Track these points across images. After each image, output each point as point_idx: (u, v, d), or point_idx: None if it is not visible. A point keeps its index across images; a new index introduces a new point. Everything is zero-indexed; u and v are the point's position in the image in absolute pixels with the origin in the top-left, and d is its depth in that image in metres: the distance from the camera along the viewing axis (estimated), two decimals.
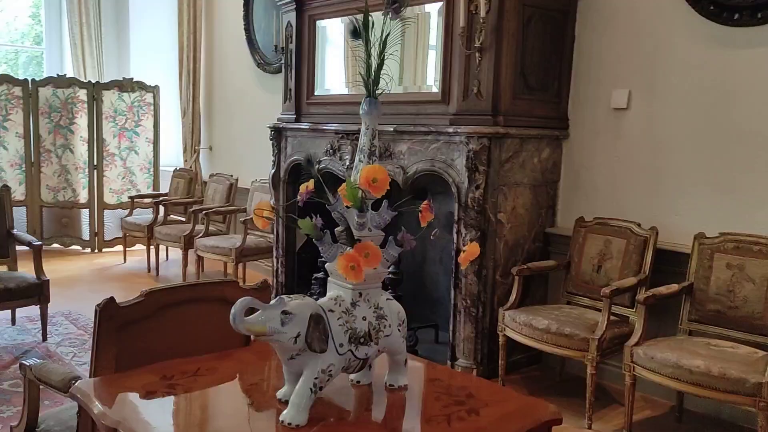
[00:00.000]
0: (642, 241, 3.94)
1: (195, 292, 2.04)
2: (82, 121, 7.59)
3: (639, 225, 4.00)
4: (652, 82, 4.10)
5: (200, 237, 6.11)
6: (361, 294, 1.60)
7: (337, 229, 1.59)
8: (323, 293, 5.33)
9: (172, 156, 8.20)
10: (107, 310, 1.83)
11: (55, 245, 7.74)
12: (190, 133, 7.69)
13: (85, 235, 7.74)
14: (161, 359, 1.87)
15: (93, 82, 7.82)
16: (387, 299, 1.68)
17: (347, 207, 1.56)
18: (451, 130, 4.18)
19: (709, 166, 3.89)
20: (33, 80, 7.53)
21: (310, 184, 1.57)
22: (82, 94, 7.56)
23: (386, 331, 1.63)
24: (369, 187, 1.47)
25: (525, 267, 4.15)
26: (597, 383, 4.06)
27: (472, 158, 4.08)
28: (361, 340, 1.57)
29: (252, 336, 1.43)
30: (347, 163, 4.86)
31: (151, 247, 6.77)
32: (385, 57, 1.58)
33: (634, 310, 3.81)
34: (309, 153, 2.19)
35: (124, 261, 7.21)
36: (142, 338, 1.90)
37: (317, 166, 5.14)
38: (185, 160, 7.72)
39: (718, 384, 3.09)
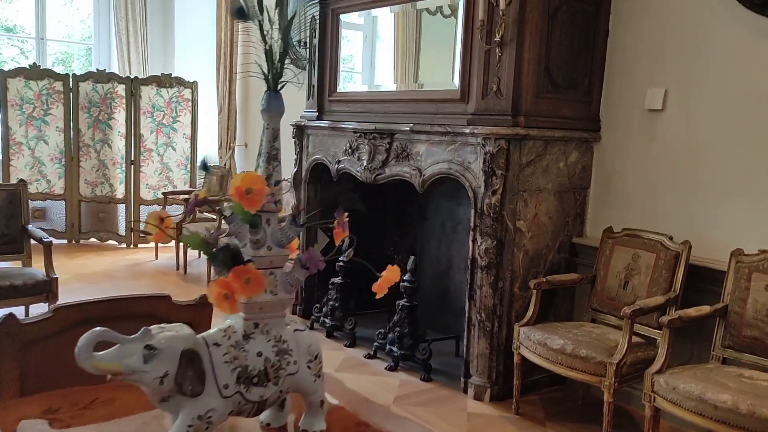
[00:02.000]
0: (673, 256, 3.57)
1: (118, 308, 1.84)
2: (120, 116, 7.60)
3: (671, 238, 3.62)
4: (691, 80, 3.71)
5: (224, 236, 5.97)
6: (257, 325, 1.36)
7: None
8: (339, 299, 5.09)
9: (211, 152, 8.14)
10: (6, 327, 1.65)
11: (93, 240, 7.79)
12: (225, 129, 7.61)
13: (122, 230, 7.76)
14: (75, 383, 1.68)
15: (131, 77, 7.82)
16: (295, 330, 1.44)
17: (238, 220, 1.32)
18: (467, 130, 3.89)
19: (752, 175, 3.48)
20: (74, 75, 7.58)
21: (202, 192, 1.34)
22: (121, 89, 7.57)
23: (290, 369, 1.39)
24: (241, 199, 1.23)
25: (543, 280, 3.83)
26: (623, 409, 3.77)
27: (488, 161, 3.79)
28: (255, 379, 1.33)
29: (108, 376, 1.22)
30: (364, 164, 4.63)
31: (182, 244, 6.69)
32: (291, 43, 1.34)
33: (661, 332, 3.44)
34: (205, 156, 1.97)
35: (156, 258, 7.17)
36: (52, 359, 1.72)
37: (336, 166, 4.93)
38: (220, 157, 7.64)
39: (746, 423, 2.71)
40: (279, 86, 1.39)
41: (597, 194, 4.21)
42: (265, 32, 1.35)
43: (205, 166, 1.37)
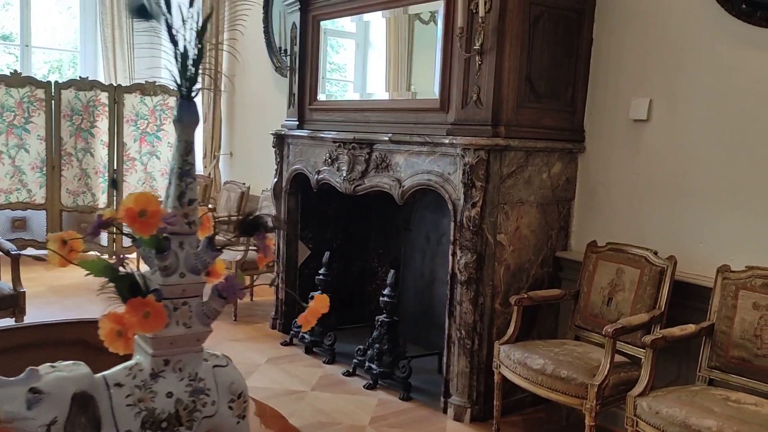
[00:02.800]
0: (658, 272, 3.43)
1: (43, 334, 1.70)
2: (103, 124, 7.45)
3: (656, 253, 3.48)
4: (676, 89, 3.59)
5: None
6: (167, 362, 1.22)
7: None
8: None
9: (197, 162, 8.02)
10: None
11: None
12: (210, 138, 7.48)
13: (104, 241, 7.59)
14: None
15: (115, 85, 7.69)
16: (215, 366, 1.29)
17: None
18: (447, 141, 3.76)
19: (741, 187, 3.35)
20: (56, 83, 7.44)
21: (107, 212, 1.21)
22: (104, 97, 7.43)
23: (207, 411, 1.24)
24: (133, 223, 1.10)
25: (525, 296, 3.68)
26: (608, 431, 3.62)
27: (468, 173, 3.65)
28: (163, 424, 1.18)
29: None
30: (344, 175, 4.49)
31: None
32: (206, 45, 1.21)
33: None
34: (113, 173, 1.88)
35: (138, 269, 7.01)
36: None
37: (316, 176, 4.80)
38: (204, 166, 7.51)
39: None
40: (193, 93, 1.25)
41: (582, 206, 4.07)
42: (175, 33, 1.20)
43: (113, 183, 1.25)
